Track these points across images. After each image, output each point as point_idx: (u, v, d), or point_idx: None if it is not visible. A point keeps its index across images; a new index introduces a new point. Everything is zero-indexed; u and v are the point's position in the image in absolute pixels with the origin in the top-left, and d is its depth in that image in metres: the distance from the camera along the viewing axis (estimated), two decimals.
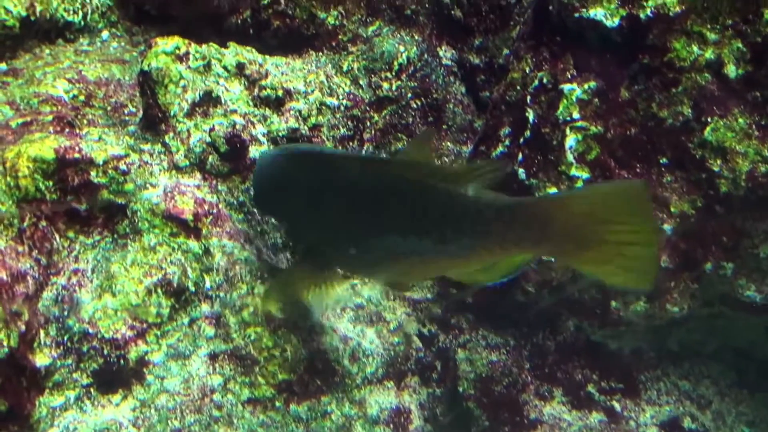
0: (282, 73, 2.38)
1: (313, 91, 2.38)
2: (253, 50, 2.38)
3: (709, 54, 2.04)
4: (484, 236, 1.69)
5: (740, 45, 2.03)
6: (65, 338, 2.04)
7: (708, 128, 2.07)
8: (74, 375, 2.04)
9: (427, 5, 2.48)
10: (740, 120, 2.06)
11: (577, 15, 2.08)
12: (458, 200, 1.70)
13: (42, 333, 2.04)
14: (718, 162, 2.09)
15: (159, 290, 2.10)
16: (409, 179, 1.73)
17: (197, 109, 2.27)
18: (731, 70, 2.04)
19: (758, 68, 2.03)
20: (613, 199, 1.61)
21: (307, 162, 1.88)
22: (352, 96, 2.43)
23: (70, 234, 2.15)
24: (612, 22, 2.06)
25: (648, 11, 2.05)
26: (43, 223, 2.11)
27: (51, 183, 2.11)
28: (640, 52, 2.09)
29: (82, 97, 2.33)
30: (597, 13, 2.07)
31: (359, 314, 2.35)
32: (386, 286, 2.26)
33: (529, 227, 1.65)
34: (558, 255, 1.75)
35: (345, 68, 2.47)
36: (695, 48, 2.05)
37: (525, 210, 1.67)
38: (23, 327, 1.98)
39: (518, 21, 2.42)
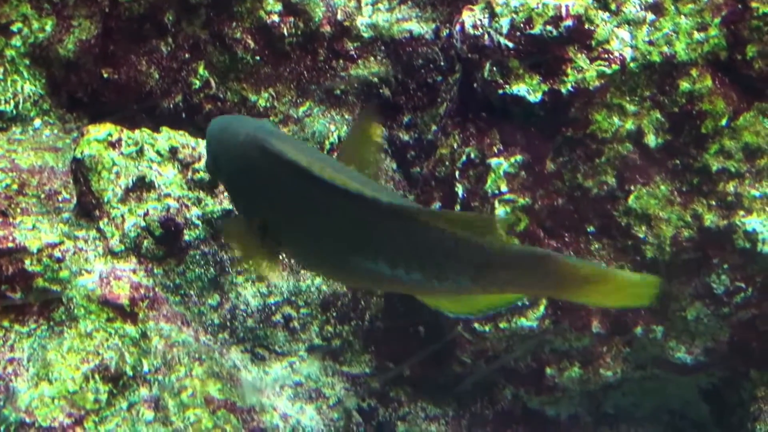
0: None
1: None
2: (186, 134, 2.40)
3: (629, 125, 2.10)
4: (486, 280, 1.59)
5: (659, 115, 2.09)
6: (2, 429, 2.02)
7: (632, 196, 2.13)
8: None
9: (356, 85, 2.52)
10: (662, 187, 2.11)
11: (501, 92, 2.13)
12: (466, 243, 1.58)
13: None
14: (643, 228, 2.14)
15: (96, 376, 2.09)
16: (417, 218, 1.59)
17: (131, 194, 2.28)
18: (651, 140, 2.10)
19: (677, 137, 2.09)
20: (625, 288, 1.58)
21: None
22: None
23: (5, 323, 2.14)
24: (535, 97, 2.11)
25: (569, 86, 2.09)
26: None
27: None
28: (563, 125, 2.14)
29: (15, 186, 2.33)
30: (520, 89, 2.12)
31: (298, 391, 2.36)
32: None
33: (537, 279, 1.58)
34: (559, 297, 1.67)
35: None
36: (616, 119, 2.10)
37: (536, 263, 1.58)
38: None
39: (445, 98, 2.47)
